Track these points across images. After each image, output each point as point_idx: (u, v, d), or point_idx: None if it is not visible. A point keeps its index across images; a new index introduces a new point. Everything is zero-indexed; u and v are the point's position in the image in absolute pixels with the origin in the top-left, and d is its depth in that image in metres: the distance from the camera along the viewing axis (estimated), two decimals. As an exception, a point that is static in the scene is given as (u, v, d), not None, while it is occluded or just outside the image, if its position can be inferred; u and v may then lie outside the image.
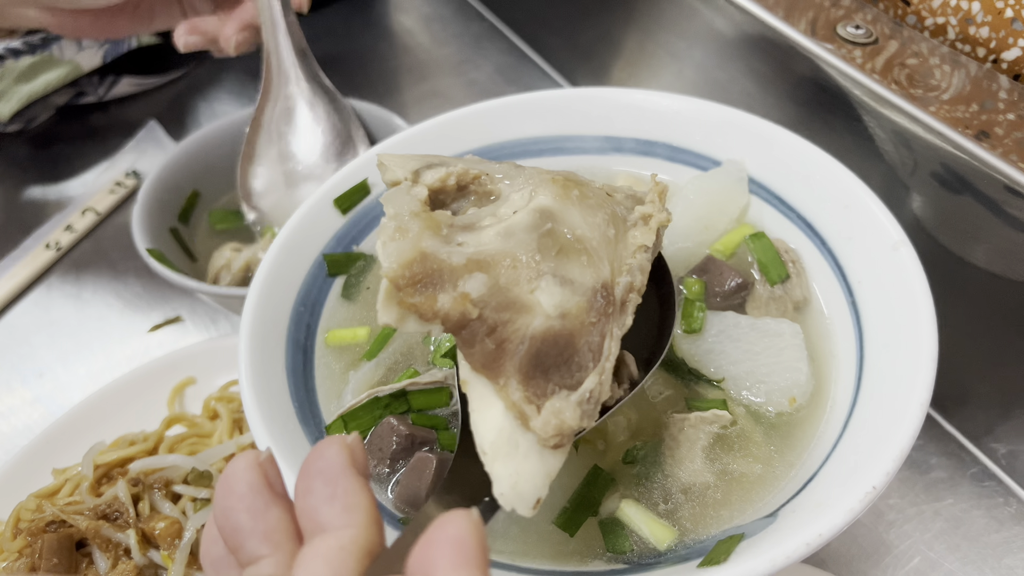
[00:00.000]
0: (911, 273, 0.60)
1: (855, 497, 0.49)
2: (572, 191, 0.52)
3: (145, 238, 0.92)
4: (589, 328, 0.47)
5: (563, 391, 0.45)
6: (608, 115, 0.79)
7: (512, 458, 0.44)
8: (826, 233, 0.68)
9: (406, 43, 1.46)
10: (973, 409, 0.84)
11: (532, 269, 0.47)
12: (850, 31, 0.82)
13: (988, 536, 0.78)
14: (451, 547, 0.32)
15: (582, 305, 0.47)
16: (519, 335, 0.45)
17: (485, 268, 0.46)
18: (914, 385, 0.53)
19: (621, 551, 0.55)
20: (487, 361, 0.45)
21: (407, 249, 0.45)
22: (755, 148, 0.73)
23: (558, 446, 0.45)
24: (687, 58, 1.06)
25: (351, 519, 0.36)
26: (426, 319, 0.45)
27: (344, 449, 0.39)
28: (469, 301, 0.45)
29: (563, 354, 0.46)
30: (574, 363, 0.46)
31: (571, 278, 0.48)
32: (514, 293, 0.46)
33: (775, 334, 0.64)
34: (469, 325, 0.45)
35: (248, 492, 0.38)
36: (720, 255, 0.72)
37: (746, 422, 0.61)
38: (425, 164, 0.51)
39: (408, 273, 0.45)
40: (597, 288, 0.48)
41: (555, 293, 0.46)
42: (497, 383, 0.45)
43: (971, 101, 0.74)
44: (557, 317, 0.46)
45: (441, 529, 0.33)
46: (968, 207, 0.75)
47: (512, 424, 0.45)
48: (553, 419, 0.44)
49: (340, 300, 0.73)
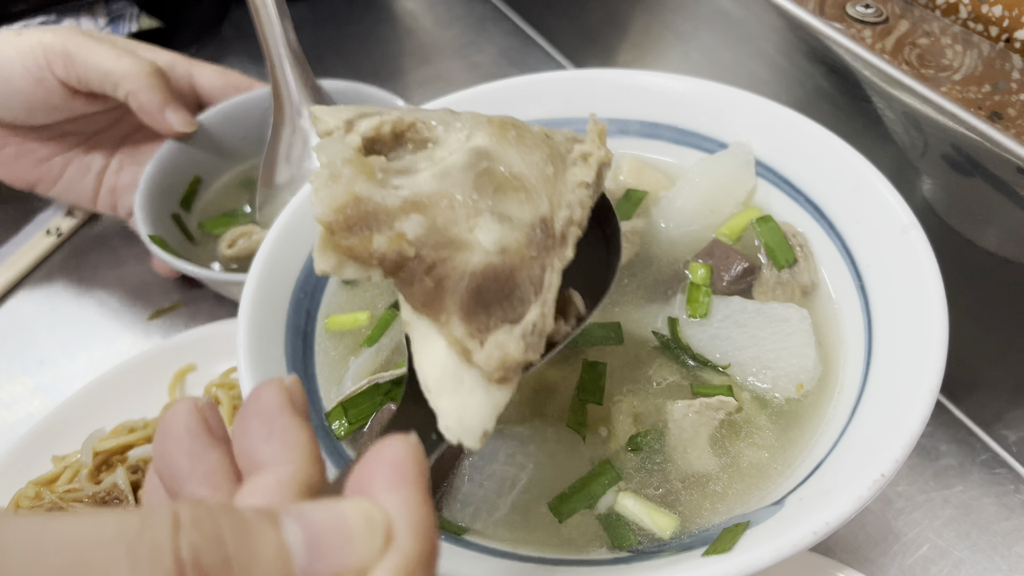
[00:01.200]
0: (921, 257, 0.59)
1: (863, 485, 0.48)
2: (509, 132, 0.51)
3: (147, 225, 0.92)
4: (529, 262, 0.46)
5: (506, 325, 0.45)
6: (613, 97, 0.78)
7: (457, 393, 0.44)
8: (834, 216, 0.67)
9: (409, 25, 1.45)
10: (983, 395, 0.83)
11: (470, 208, 0.46)
12: (860, 10, 0.81)
13: (998, 524, 0.77)
14: (388, 467, 0.32)
15: (521, 240, 0.46)
16: (458, 272, 0.44)
17: (421, 209, 0.45)
18: (924, 371, 0.53)
19: (627, 545, 0.55)
20: (427, 299, 0.44)
21: (340, 193, 0.44)
22: (762, 130, 0.72)
23: (503, 380, 0.44)
24: (693, 39, 1.04)
25: (289, 455, 0.36)
26: (362, 261, 0.44)
27: (281, 390, 0.38)
28: (405, 240, 0.44)
29: (504, 289, 0.45)
30: (516, 297, 0.46)
31: (509, 215, 0.47)
32: (452, 232, 0.45)
33: (782, 319, 0.63)
34: (407, 265, 0.44)
35: (186, 436, 0.37)
36: (726, 239, 0.71)
37: (752, 408, 0.60)
38: (358, 114, 0.50)
39: (342, 217, 0.44)
40: (536, 223, 0.48)
41: (494, 229, 0.46)
42: (438, 320, 0.44)
43: (983, 81, 0.73)
44: (496, 253, 0.45)
45: (378, 451, 0.33)
46: (980, 190, 0.73)
47: (455, 360, 0.44)
48: (496, 352, 0.43)
49: (340, 286, 0.72)
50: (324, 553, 0.30)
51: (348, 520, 0.31)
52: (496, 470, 0.58)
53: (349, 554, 0.30)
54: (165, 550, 0.26)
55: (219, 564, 0.27)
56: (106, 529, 0.26)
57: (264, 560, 0.28)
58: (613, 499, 0.57)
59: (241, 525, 0.29)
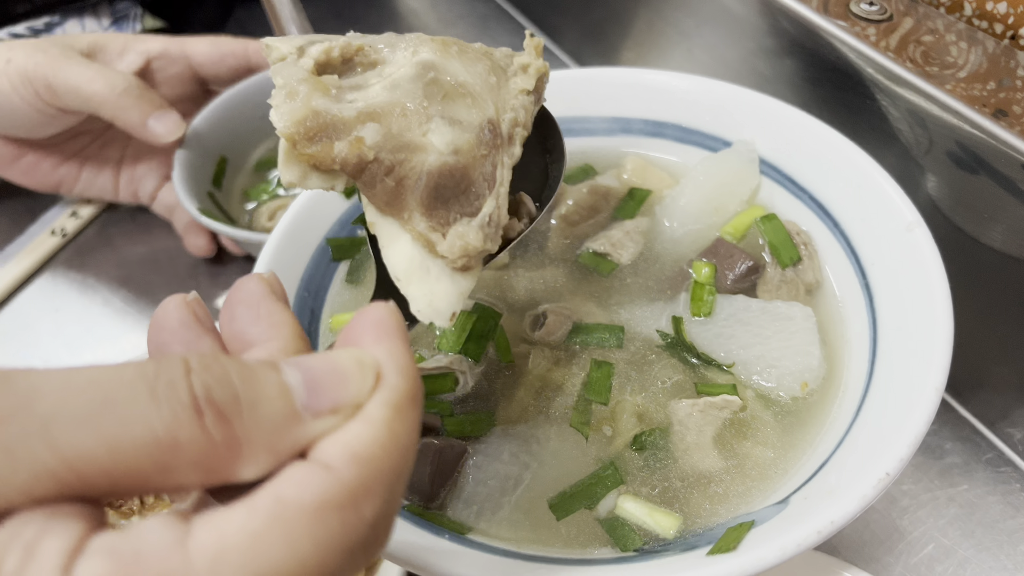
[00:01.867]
0: (926, 255, 0.59)
1: (868, 483, 0.48)
2: (451, 47, 0.54)
3: (191, 202, 0.94)
4: (481, 160, 0.51)
5: (465, 218, 0.50)
6: (616, 96, 0.78)
7: (425, 281, 0.49)
8: (839, 214, 0.67)
9: (412, 24, 1.45)
10: (989, 394, 0.83)
11: (421, 114, 0.50)
12: (864, 8, 0.81)
13: (1004, 522, 0.77)
14: (372, 324, 0.36)
15: (472, 141, 0.50)
16: (416, 172, 0.48)
17: (376, 118, 0.48)
18: (929, 369, 0.52)
19: (632, 547, 0.55)
20: (389, 199, 0.48)
21: (298, 108, 0.47)
22: (766, 128, 0.72)
23: (466, 268, 0.50)
24: (697, 37, 1.04)
25: (276, 333, 0.38)
26: (325, 167, 0.47)
27: (262, 280, 0.40)
28: (364, 145, 0.47)
29: (460, 185, 0.50)
30: (471, 193, 0.50)
31: (459, 119, 0.51)
32: (407, 137, 0.49)
33: (786, 318, 0.63)
34: (368, 168, 0.47)
35: (179, 327, 0.39)
36: (730, 237, 0.71)
37: (757, 407, 0.60)
38: (308, 41, 0.52)
39: (302, 129, 0.46)
40: (484, 125, 0.52)
41: (445, 132, 0.49)
42: (401, 218, 0.49)
43: (988, 79, 0.72)
44: (450, 153, 0.49)
45: (361, 315, 0.36)
46: (985, 187, 0.73)
47: (421, 252, 0.49)
48: (458, 242, 0.49)
49: (344, 285, 0.72)
50: (321, 390, 0.33)
51: (341, 364, 0.34)
52: (500, 469, 0.58)
53: (344, 390, 0.33)
54: (181, 387, 0.29)
55: (228, 399, 0.30)
56: (127, 372, 0.29)
57: (268, 397, 0.31)
58: (614, 502, 0.57)
59: (245, 369, 0.31)
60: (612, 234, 0.72)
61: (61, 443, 0.27)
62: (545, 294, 0.69)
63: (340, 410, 0.32)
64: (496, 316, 0.67)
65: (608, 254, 0.71)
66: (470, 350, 0.65)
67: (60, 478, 0.27)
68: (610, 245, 0.71)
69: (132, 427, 0.28)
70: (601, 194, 0.75)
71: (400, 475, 0.33)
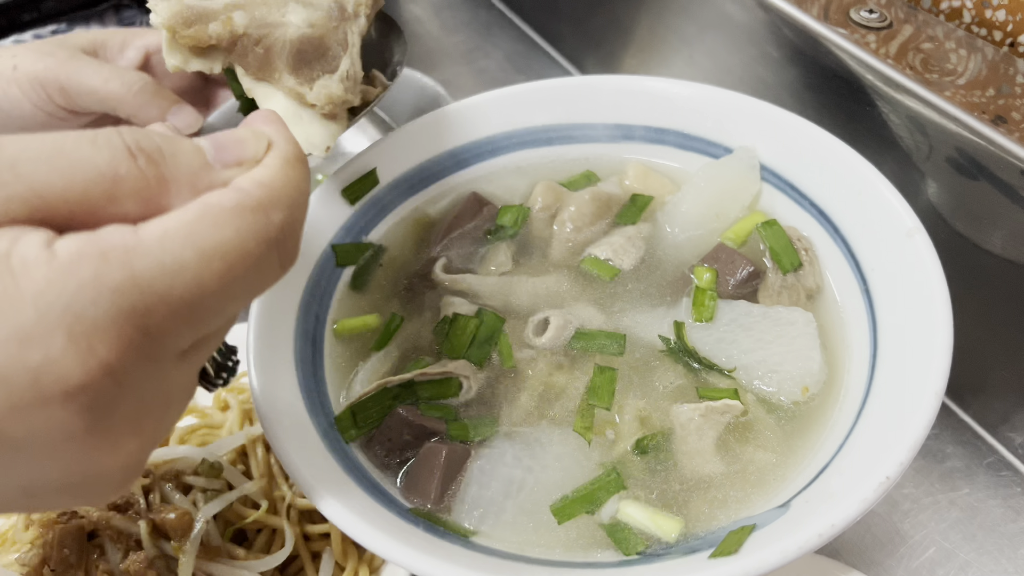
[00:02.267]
0: (926, 260, 0.59)
1: (869, 487, 0.48)
2: None
3: None
4: (333, 31, 0.64)
5: (327, 75, 0.62)
6: (618, 103, 0.79)
7: (299, 125, 0.62)
8: (839, 221, 0.68)
9: (416, 31, 1.46)
10: (989, 398, 0.83)
11: (279, 4, 0.63)
12: (864, 15, 0.81)
13: (1004, 526, 0.78)
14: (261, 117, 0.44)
15: (323, 17, 0.63)
16: (280, 42, 0.61)
17: (240, 7, 0.61)
18: (929, 373, 0.53)
19: (635, 551, 0.55)
20: (261, 64, 0.61)
21: (173, 4, 0.60)
22: (767, 135, 0.73)
23: (332, 114, 0.63)
24: (698, 44, 1.05)
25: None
26: (203, 45, 0.60)
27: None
28: (233, 23, 0.60)
29: (319, 50, 0.63)
30: (329, 55, 0.63)
31: (311, 3, 0.64)
32: (270, 19, 0.62)
33: (787, 323, 0.64)
34: (239, 41, 0.61)
35: None
36: (732, 243, 0.71)
37: (758, 412, 0.61)
38: None
39: (179, 20, 0.60)
40: (332, 5, 0.64)
41: (300, 12, 0.63)
42: (273, 79, 0.61)
43: (987, 86, 0.73)
44: (306, 27, 0.62)
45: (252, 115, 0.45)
46: (984, 193, 0.74)
47: (293, 105, 0.62)
48: (323, 91, 0.61)
49: (349, 291, 0.72)
50: (227, 149, 0.41)
51: (240, 134, 0.42)
52: (503, 472, 0.59)
53: (244, 149, 0.41)
54: (115, 138, 0.37)
55: (154, 148, 0.38)
56: (70, 134, 0.36)
57: (185, 151, 0.39)
58: (616, 506, 0.57)
59: (165, 134, 0.39)
60: (614, 240, 0.73)
61: (25, 174, 0.34)
62: (548, 300, 0.70)
63: (243, 163, 0.41)
64: (499, 321, 0.67)
65: (610, 260, 0.71)
66: (474, 355, 0.65)
67: (28, 202, 0.34)
68: (612, 251, 0.72)
69: (81, 163, 0.35)
70: (603, 200, 0.76)
71: (297, 204, 0.41)
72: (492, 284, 0.71)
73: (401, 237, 0.77)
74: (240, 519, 0.74)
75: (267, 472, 0.77)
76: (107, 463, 0.37)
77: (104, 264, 0.33)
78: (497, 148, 0.80)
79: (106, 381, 0.34)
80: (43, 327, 0.32)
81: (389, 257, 0.75)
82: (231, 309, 0.40)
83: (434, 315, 0.70)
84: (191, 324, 0.37)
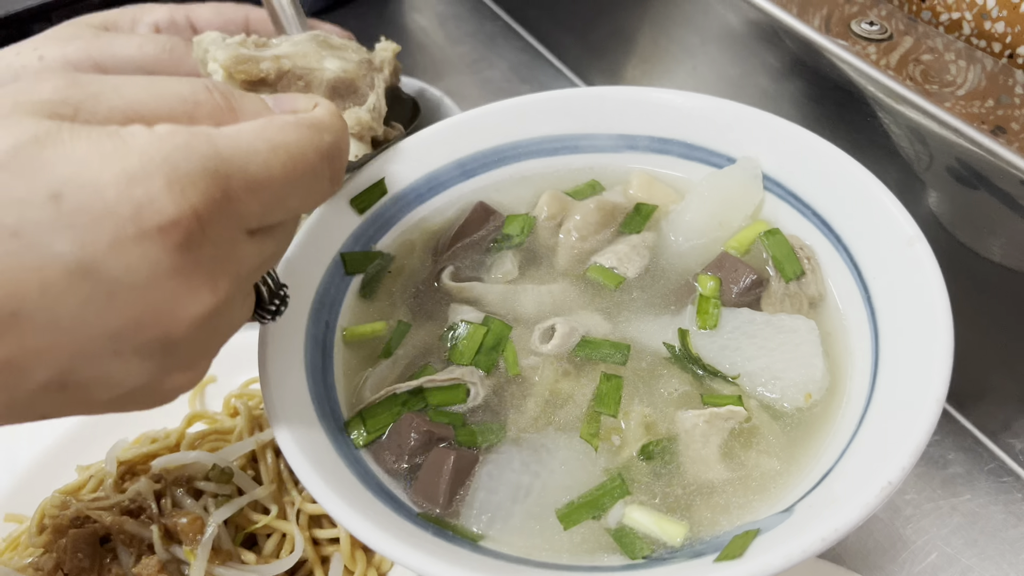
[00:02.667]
0: (926, 269, 0.59)
1: (871, 492, 0.49)
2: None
3: None
4: (363, 77, 0.81)
5: (356, 106, 0.79)
6: (623, 113, 0.80)
7: None
8: (841, 229, 0.68)
9: (421, 41, 1.47)
10: (990, 404, 0.84)
11: (318, 55, 0.79)
12: (864, 27, 0.82)
13: (1006, 532, 0.78)
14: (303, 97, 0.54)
15: (353, 67, 0.80)
16: (319, 79, 0.78)
17: (287, 57, 0.76)
18: (930, 380, 0.53)
19: (641, 555, 0.56)
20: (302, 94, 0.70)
21: (231, 51, 0.75)
22: (769, 145, 0.73)
23: (361, 136, 0.78)
24: (701, 55, 1.06)
25: None
26: (253, 77, 0.75)
27: None
28: (281, 59, 0.76)
29: (350, 88, 0.80)
30: (359, 92, 0.80)
31: (344, 58, 0.80)
32: (311, 66, 0.78)
33: (790, 330, 0.64)
34: (285, 76, 0.76)
35: None
36: (735, 252, 0.72)
37: (762, 418, 0.61)
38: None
39: (237, 61, 0.75)
40: (362, 60, 0.81)
41: (335, 63, 0.79)
42: None
43: (987, 96, 0.74)
44: (340, 72, 0.79)
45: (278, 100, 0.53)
46: (984, 202, 0.74)
47: None
48: (353, 115, 0.78)
49: (358, 298, 0.73)
50: (283, 101, 0.52)
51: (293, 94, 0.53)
52: (511, 478, 0.59)
53: (297, 103, 0.52)
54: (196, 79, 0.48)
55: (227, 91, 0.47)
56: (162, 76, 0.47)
57: (250, 98, 0.48)
58: (622, 512, 0.58)
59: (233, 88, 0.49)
60: (619, 248, 0.74)
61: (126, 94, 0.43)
62: (554, 308, 0.71)
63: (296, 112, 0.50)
64: (506, 329, 0.68)
65: (615, 268, 0.72)
66: (481, 362, 0.66)
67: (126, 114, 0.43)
68: (617, 259, 0.73)
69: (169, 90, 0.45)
70: (608, 209, 0.77)
71: (342, 135, 0.51)
72: (499, 292, 0.72)
73: (409, 246, 0.78)
74: (250, 524, 0.75)
75: (277, 477, 0.78)
76: (182, 314, 0.42)
77: (193, 137, 0.42)
78: (503, 158, 0.81)
79: (194, 224, 0.40)
80: (146, 171, 0.39)
81: (397, 265, 0.76)
82: (292, 203, 0.48)
83: (441, 322, 0.70)
84: (261, 202, 0.45)
